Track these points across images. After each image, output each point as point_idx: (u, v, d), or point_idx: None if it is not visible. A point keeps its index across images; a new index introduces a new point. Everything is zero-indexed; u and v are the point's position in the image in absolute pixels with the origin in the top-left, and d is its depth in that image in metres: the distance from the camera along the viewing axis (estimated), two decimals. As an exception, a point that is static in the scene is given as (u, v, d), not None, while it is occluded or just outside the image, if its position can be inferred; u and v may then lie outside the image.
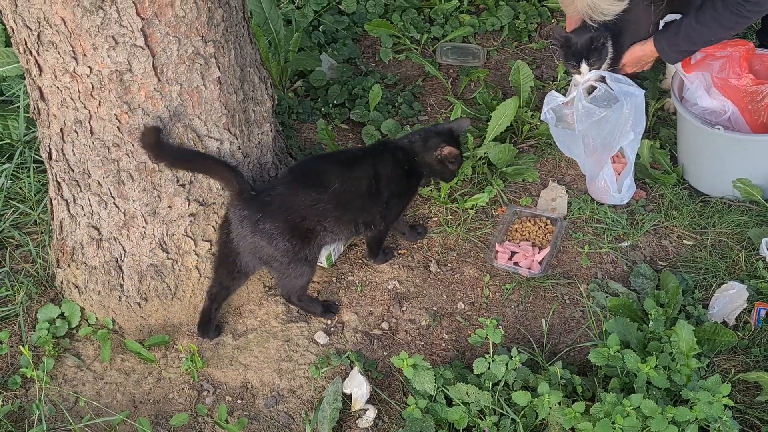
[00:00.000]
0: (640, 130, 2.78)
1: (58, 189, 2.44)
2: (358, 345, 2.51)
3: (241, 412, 2.37)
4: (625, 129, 2.73)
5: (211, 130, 2.34)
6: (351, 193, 2.45)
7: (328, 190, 2.40)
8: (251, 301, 2.60)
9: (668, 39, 2.79)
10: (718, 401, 2.09)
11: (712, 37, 2.77)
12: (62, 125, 2.26)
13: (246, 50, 2.40)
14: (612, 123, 2.73)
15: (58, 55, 2.11)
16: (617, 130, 2.74)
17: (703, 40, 2.78)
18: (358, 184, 2.47)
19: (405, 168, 2.58)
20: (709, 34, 2.73)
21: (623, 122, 2.72)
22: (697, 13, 2.69)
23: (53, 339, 2.49)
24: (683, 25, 2.74)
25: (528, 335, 2.53)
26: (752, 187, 2.80)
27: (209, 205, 2.43)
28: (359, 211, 2.49)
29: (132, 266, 2.46)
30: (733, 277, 2.63)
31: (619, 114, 2.71)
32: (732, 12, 2.62)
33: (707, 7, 2.67)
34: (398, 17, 3.76)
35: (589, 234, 2.81)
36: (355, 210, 2.48)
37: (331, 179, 2.42)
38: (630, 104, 2.71)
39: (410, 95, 3.43)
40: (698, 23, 2.70)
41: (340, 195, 2.42)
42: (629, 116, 2.72)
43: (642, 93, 2.75)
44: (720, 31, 2.73)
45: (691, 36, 2.74)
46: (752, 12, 2.63)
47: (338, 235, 2.50)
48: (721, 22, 2.68)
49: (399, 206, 2.62)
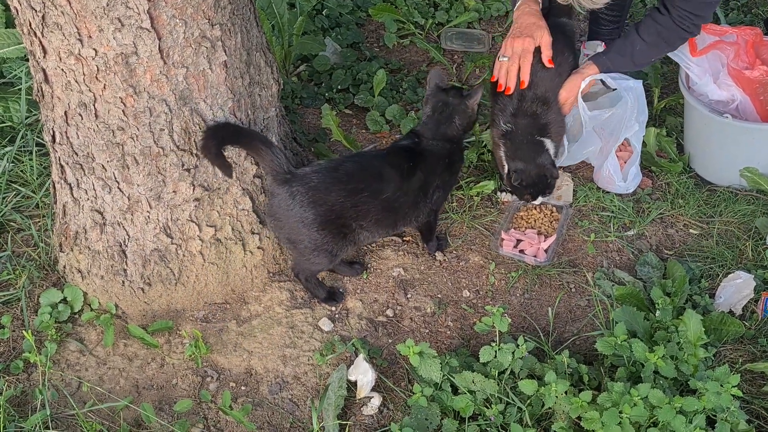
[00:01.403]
0: (643, 119, 2.79)
1: (61, 173, 2.41)
2: (363, 332, 2.50)
3: (245, 398, 2.36)
4: (630, 121, 2.75)
5: (217, 114, 2.31)
6: (401, 201, 2.45)
7: (379, 197, 2.40)
8: (255, 287, 2.58)
9: (612, 60, 2.73)
10: (726, 391, 2.08)
11: (656, 56, 2.77)
12: (66, 108, 2.23)
13: (252, 33, 2.37)
14: (618, 117, 2.75)
15: (63, 37, 2.08)
16: (623, 123, 2.76)
17: (647, 60, 2.77)
18: (410, 191, 2.46)
19: (448, 153, 2.55)
20: (654, 52, 2.73)
21: (629, 115, 2.74)
22: (641, 31, 2.67)
23: (56, 323, 2.47)
24: (627, 44, 2.70)
25: (534, 323, 2.52)
26: (759, 176, 2.79)
27: (214, 190, 2.40)
28: (405, 214, 2.50)
29: (136, 251, 2.44)
30: (739, 266, 2.62)
31: (624, 108, 2.73)
32: (679, 27, 2.62)
33: (651, 25, 2.65)
34: (403, 2, 3.73)
35: (595, 222, 2.79)
36: (400, 214, 2.48)
37: (383, 188, 2.41)
38: (632, 97, 2.72)
39: (414, 81, 3.41)
40: (645, 41, 2.67)
41: (391, 202, 2.42)
42: (633, 108, 2.73)
43: (640, 83, 2.77)
44: (664, 49, 2.74)
45: (637, 56, 2.71)
46: (696, 26, 2.64)
47: (374, 234, 2.50)
48: (668, 39, 2.68)
49: (445, 193, 2.62)
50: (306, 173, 2.37)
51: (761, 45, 2.90)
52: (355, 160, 2.52)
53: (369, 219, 2.41)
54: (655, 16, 2.64)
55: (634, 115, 2.72)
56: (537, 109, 2.66)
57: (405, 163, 2.48)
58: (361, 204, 2.38)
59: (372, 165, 2.48)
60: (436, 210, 2.60)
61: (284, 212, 2.36)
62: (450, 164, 2.58)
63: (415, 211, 2.52)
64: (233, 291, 2.56)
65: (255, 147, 2.32)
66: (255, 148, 2.32)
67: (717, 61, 2.87)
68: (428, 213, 2.56)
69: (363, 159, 2.56)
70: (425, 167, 2.50)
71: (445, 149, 2.55)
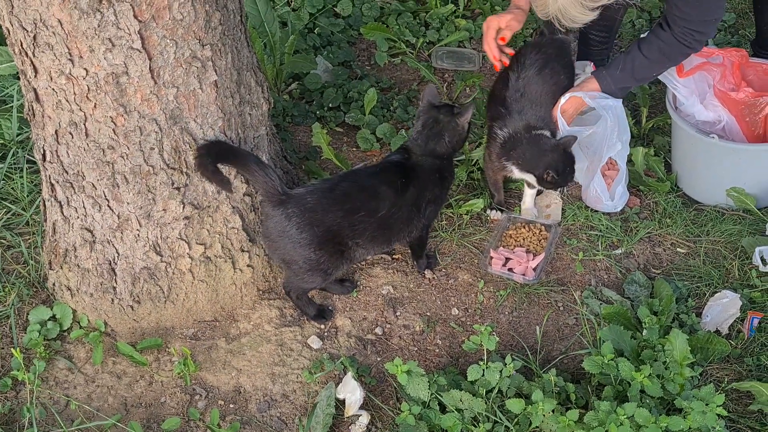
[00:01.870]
0: (626, 138, 2.84)
1: (51, 191, 2.42)
2: (351, 350, 2.50)
3: (233, 416, 2.36)
4: (612, 140, 2.79)
5: (207, 133, 2.33)
6: (396, 217, 2.47)
7: (376, 215, 2.42)
8: (245, 305, 2.59)
9: (612, 75, 2.76)
10: (711, 411, 2.10)
11: (657, 72, 2.80)
12: (57, 127, 2.25)
13: (243, 53, 2.39)
14: (600, 135, 2.80)
15: (54, 57, 2.10)
16: (605, 142, 2.80)
17: (649, 75, 2.80)
18: (404, 206, 2.48)
19: (438, 168, 2.58)
20: (656, 68, 2.76)
21: (609, 134, 2.78)
22: (643, 48, 2.70)
23: (44, 341, 2.47)
24: (628, 60, 2.73)
25: (522, 342, 2.53)
26: (746, 196, 2.81)
27: (204, 208, 2.42)
28: (399, 230, 2.52)
29: (125, 269, 2.45)
30: (726, 285, 2.64)
31: (605, 126, 2.78)
32: (681, 43, 2.64)
33: (653, 41, 2.68)
34: (394, 21, 3.76)
35: (584, 241, 2.81)
36: (395, 229, 2.50)
37: (379, 206, 2.43)
38: (612, 116, 2.76)
39: (405, 99, 3.43)
40: (646, 57, 2.70)
41: (386, 218, 2.44)
42: (614, 127, 2.78)
43: (620, 102, 2.81)
44: (666, 64, 2.77)
45: (638, 71, 2.74)
46: (699, 42, 2.66)
47: (370, 251, 2.52)
48: (669, 55, 2.71)
49: (437, 207, 2.65)
50: (301, 194, 2.38)
51: (747, 66, 2.94)
52: (350, 179, 2.53)
53: (365, 237, 2.43)
54: (657, 33, 2.67)
55: (615, 134, 2.76)
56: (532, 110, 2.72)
57: (398, 179, 2.50)
58: (357, 223, 2.40)
59: (367, 183, 2.49)
60: (428, 225, 2.62)
61: (279, 234, 2.37)
62: (441, 179, 2.60)
63: (409, 227, 2.54)
64: (223, 309, 2.57)
65: (248, 167, 2.33)
66: (248, 168, 2.33)
67: (704, 82, 2.91)
68: (421, 228, 2.58)
69: (358, 178, 2.57)
70: (417, 182, 2.52)
71: (435, 165, 2.57)
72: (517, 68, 2.75)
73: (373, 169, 2.65)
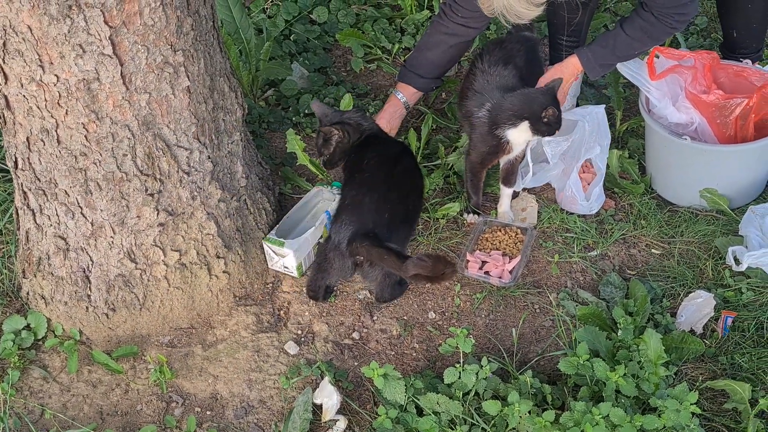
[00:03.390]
0: (606, 142, 2.87)
1: (24, 198, 2.41)
2: (328, 355, 2.50)
3: (210, 423, 2.35)
4: (590, 144, 2.83)
5: (181, 139, 2.32)
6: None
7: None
8: (221, 312, 2.58)
9: (594, 52, 2.80)
10: (685, 409, 2.11)
11: (639, 50, 2.82)
12: (28, 134, 2.23)
13: (216, 59, 2.39)
14: (577, 142, 2.84)
15: (25, 63, 2.09)
16: (582, 146, 2.84)
17: (630, 53, 2.82)
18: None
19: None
20: (637, 46, 2.78)
21: (587, 138, 2.82)
22: (625, 26, 2.73)
23: (19, 350, 2.46)
24: (610, 37, 2.77)
25: (498, 344, 2.53)
26: (719, 197, 2.84)
27: (178, 215, 2.41)
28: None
29: (99, 276, 2.43)
30: (700, 285, 2.65)
31: (582, 133, 2.82)
32: (663, 23, 2.67)
33: (635, 20, 2.71)
34: (370, 27, 3.77)
35: (559, 243, 2.82)
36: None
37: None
38: (592, 122, 2.81)
39: (381, 105, 3.42)
40: (628, 36, 2.73)
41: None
42: (592, 132, 2.82)
43: (602, 108, 2.84)
44: (648, 43, 2.79)
45: (619, 48, 2.77)
46: (681, 22, 2.70)
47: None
48: (651, 34, 2.73)
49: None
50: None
51: (718, 69, 2.96)
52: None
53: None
54: (639, 12, 2.70)
55: (594, 138, 2.79)
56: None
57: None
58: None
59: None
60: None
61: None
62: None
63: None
64: (199, 315, 2.56)
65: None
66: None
67: (676, 85, 2.93)
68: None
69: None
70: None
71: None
72: (483, 63, 2.78)
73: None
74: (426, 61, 2.96)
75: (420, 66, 2.97)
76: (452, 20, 2.83)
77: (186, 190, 2.39)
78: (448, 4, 2.82)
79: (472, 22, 2.82)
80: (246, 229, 2.61)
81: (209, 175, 2.43)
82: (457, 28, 2.85)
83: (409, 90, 3.01)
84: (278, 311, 2.61)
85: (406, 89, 3.01)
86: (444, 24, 2.86)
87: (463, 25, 2.84)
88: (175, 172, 2.35)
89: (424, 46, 2.96)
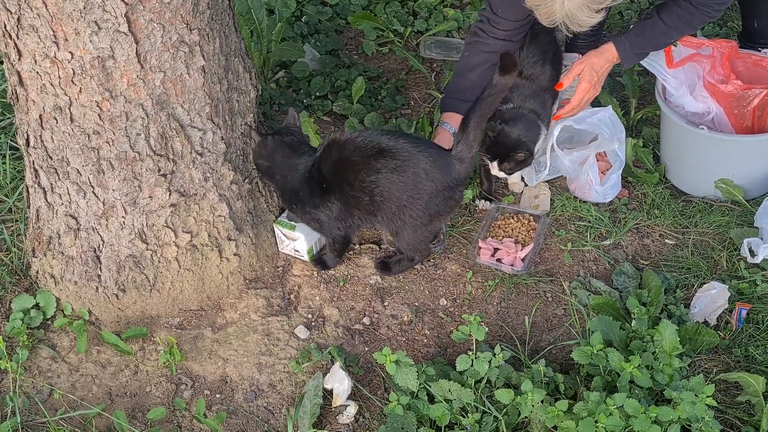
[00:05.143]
0: (622, 136, 2.87)
1: (35, 177, 2.38)
2: (339, 340, 2.48)
3: (219, 406, 2.34)
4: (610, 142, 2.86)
5: (194, 119, 2.30)
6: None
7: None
8: (231, 294, 2.56)
9: (631, 41, 2.76)
10: (701, 401, 2.09)
11: (676, 38, 2.79)
12: (41, 111, 2.21)
13: (231, 39, 2.36)
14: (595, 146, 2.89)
15: (39, 40, 2.06)
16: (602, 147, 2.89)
17: (666, 41, 2.80)
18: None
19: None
20: (674, 34, 2.75)
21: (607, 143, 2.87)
22: (662, 14, 2.70)
23: (27, 330, 2.44)
24: (648, 25, 2.74)
25: (510, 332, 2.52)
26: (734, 188, 2.81)
27: (191, 195, 2.39)
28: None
29: (110, 257, 2.41)
30: (714, 277, 2.63)
31: (602, 139, 2.87)
32: (701, 12, 2.64)
33: (672, 8, 2.68)
34: (382, 10, 3.74)
35: (572, 232, 2.80)
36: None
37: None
38: (607, 128, 2.85)
39: (393, 88, 3.40)
40: (666, 25, 2.70)
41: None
42: (612, 136, 2.86)
43: (609, 107, 2.88)
44: (685, 31, 2.76)
45: (657, 37, 2.74)
46: (717, 10, 2.66)
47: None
48: (689, 22, 2.70)
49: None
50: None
51: (736, 58, 2.93)
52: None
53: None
54: (676, 0, 2.67)
55: (614, 137, 2.85)
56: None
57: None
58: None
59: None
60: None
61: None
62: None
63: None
64: (209, 298, 2.54)
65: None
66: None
67: (693, 74, 2.90)
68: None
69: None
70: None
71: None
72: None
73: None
74: (469, 83, 2.77)
75: (463, 91, 2.79)
76: (493, 36, 2.73)
77: (198, 171, 2.37)
78: (486, 21, 2.73)
79: (514, 36, 2.73)
80: (257, 212, 2.59)
81: (222, 156, 2.40)
82: (498, 45, 2.72)
83: (455, 118, 2.75)
84: (288, 295, 2.59)
85: (452, 118, 2.79)
86: (484, 42, 2.75)
87: (505, 40, 2.72)
88: (188, 153, 2.33)
89: (464, 69, 2.81)
